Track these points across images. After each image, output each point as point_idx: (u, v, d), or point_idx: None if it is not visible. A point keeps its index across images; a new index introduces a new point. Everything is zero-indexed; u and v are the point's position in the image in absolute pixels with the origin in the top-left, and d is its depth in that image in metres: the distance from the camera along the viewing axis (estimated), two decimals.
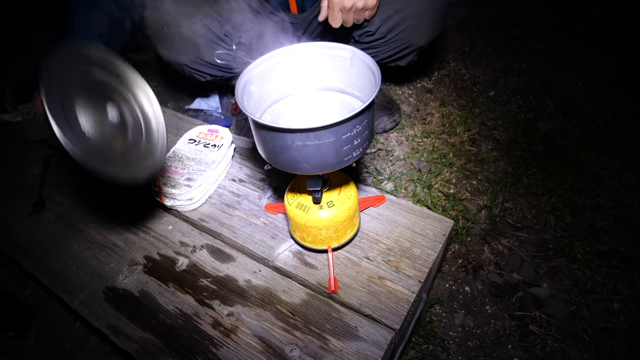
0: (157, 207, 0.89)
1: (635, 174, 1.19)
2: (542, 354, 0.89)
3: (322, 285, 0.71)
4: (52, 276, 0.81)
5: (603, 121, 1.34)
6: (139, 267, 0.79)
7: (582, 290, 0.97)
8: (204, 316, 0.70)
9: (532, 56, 1.62)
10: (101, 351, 0.98)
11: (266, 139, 0.53)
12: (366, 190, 0.85)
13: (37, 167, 1.03)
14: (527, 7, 1.86)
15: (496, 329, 0.94)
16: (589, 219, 1.10)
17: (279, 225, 0.81)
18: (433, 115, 1.42)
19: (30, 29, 1.79)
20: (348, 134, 0.50)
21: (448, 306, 0.99)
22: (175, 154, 0.90)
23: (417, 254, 0.73)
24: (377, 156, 1.30)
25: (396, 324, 0.65)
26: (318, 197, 0.64)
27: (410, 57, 1.10)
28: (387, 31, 0.99)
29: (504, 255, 1.05)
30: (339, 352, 0.63)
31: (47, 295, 1.10)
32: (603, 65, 1.53)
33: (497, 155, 1.27)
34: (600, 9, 1.77)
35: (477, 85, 1.52)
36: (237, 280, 0.74)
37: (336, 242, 0.70)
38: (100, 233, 0.86)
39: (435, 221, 0.78)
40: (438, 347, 0.92)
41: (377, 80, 0.53)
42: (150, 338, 0.68)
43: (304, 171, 0.54)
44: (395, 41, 1.02)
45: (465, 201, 1.17)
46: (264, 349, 0.64)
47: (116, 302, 0.74)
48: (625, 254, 1.03)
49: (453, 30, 1.78)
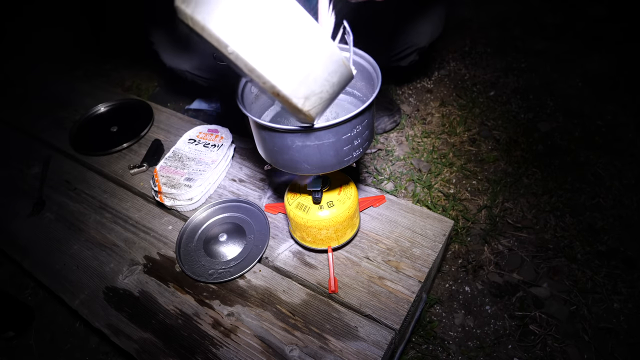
0: (157, 207, 0.89)
1: (635, 174, 1.19)
2: (542, 354, 0.89)
3: (322, 285, 0.71)
4: (52, 276, 0.81)
5: (603, 121, 1.34)
6: (139, 267, 0.79)
7: (582, 290, 0.97)
8: (204, 316, 0.70)
9: (532, 56, 1.62)
10: (101, 351, 0.98)
11: (266, 139, 0.53)
12: (366, 190, 0.85)
13: (37, 167, 1.03)
14: (527, 7, 1.86)
15: (496, 329, 0.94)
16: (589, 219, 1.10)
17: (279, 225, 0.81)
18: (433, 115, 1.42)
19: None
20: (348, 134, 0.50)
21: (448, 306, 0.99)
22: (175, 154, 0.90)
23: (417, 254, 0.73)
24: (377, 156, 1.30)
25: (396, 324, 0.65)
26: (318, 197, 0.64)
27: (411, 58, 1.10)
28: (388, 32, 0.99)
29: (504, 255, 1.05)
30: (339, 352, 0.63)
31: (47, 295, 1.10)
32: (603, 65, 1.53)
33: (497, 155, 1.27)
34: (600, 9, 1.77)
35: (477, 85, 1.52)
36: (237, 280, 0.74)
37: (336, 242, 0.70)
38: (100, 233, 0.86)
39: (435, 221, 0.78)
40: (438, 347, 0.92)
41: (378, 80, 0.53)
42: (150, 338, 0.68)
43: (304, 171, 0.54)
44: (397, 42, 1.02)
45: (465, 201, 1.17)
46: (264, 349, 0.64)
47: (116, 302, 0.74)
48: (625, 254, 1.03)
49: (453, 30, 1.78)
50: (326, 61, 0.38)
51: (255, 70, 0.36)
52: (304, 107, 0.40)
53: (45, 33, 1.94)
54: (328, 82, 0.40)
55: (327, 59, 0.38)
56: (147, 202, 0.90)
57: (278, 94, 0.38)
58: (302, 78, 0.38)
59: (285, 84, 0.37)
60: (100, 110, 1.14)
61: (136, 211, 0.89)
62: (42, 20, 2.03)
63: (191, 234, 0.80)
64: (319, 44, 0.38)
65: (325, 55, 0.38)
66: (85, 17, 1.79)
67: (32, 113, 1.20)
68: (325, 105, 0.42)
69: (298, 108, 0.40)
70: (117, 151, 1.02)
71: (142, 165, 0.95)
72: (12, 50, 1.64)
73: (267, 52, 0.36)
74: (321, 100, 0.40)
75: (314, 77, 0.39)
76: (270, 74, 0.37)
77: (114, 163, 1.00)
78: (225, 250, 0.76)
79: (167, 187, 0.83)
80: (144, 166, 0.95)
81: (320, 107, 0.41)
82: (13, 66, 1.41)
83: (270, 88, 0.38)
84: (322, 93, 0.40)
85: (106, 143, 1.04)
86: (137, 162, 0.98)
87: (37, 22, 2.02)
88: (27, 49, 1.74)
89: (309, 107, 0.40)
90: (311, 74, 0.38)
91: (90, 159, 1.02)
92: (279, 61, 0.36)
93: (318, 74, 0.39)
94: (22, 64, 1.42)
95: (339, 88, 0.41)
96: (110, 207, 0.91)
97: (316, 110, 0.41)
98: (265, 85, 0.37)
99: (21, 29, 1.96)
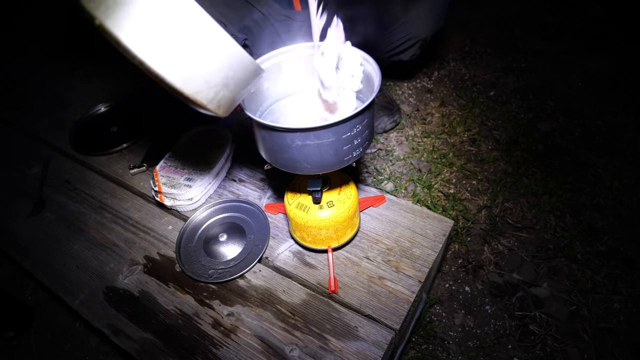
0: (157, 207, 0.89)
1: (635, 174, 1.19)
2: (542, 354, 0.89)
3: (322, 285, 0.71)
4: (52, 276, 0.81)
5: (603, 121, 1.34)
6: (139, 267, 0.79)
7: (582, 290, 0.97)
8: (204, 316, 0.70)
9: (532, 56, 1.62)
10: (101, 351, 0.98)
11: (266, 139, 0.53)
12: (366, 190, 0.85)
13: (37, 167, 1.03)
14: (527, 7, 1.86)
15: (496, 329, 0.94)
16: (589, 219, 1.10)
17: (279, 225, 0.81)
18: (433, 115, 1.42)
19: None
20: (348, 134, 0.50)
21: (448, 306, 0.99)
22: (175, 154, 0.90)
23: (417, 254, 0.73)
24: (377, 156, 1.30)
25: (396, 324, 0.65)
26: (318, 197, 0.64)
27: (413, 51, 1.10)
28: (389, 23, 0.99)
29: (504, 255, 1.05)
30: (339, 352, 0.63)
31: (47, 295, 1.10)
32: (603, 65, 1.53)
33: (497, 155, 1.27)
34: (600, 9, 1.77)
35: (477, 85, 1.52)
36: (237, 280, 0.74)
37: (336, 242, 0.70)
38: (100, 233, 0.86)
39: (435, 221, 0.78)
40: (438, 347, 0.92)
41: (377, 80, 0.53)
42: (150, 338, 0.68)
43: (304, 171, 0.54)
44: (399, 32, 1.02)
45: (465, 201, 1.17)
46: (264, 349, 0.64)
47: (116, 302, 0.74)
48: (625, 254, 1.03)
49: (453, 30, 1.78)
50: (205, 39, 0.40)
51: (129, 52, 0.38)
52: (184, 89, 0.41)
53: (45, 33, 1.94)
54: (212, 63, 0.41)
55: (205, 37, 0.40)
56: (147, 202, 0.90)
57: (154, 74, 0.40)
58: (177, 55, 0.40)
59: (158, 62, 0.39)
60: (100, 110, 1.14)
61: (136, 211, 0.89)
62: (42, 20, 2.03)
63: (191, 234, 0.80)
64: (218, 44, 0.40)
65: (201, 31, 0.40)
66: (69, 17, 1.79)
67: (32, 113, 1.20)
68: (220, 93, 0.43)
69: (178, 90, 0.41)
70: (117, 151, 1.02)
71: (142, 165, 0.95)
72: (13, 51, 1.64)
73: (171, 59, 0.39)
74: (208, 84, 0.42)
75: (190, 56, 0.40)
76: (140, 51, 0.38)
77: (114, 163, 1.00)
78: (225, 250, 0.76)
79: (167, 187, 0.83)
80: (144, 166, 0.95)
81: (212, 93, 0.43)
82: (14, 66, 1.41)
83: (139, 64, 0.39)
84: (207, 75, 0.42)
85: (106, 143, 1.04)
86: (137, 162, 0.98)
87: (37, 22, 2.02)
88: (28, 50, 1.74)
89: (215, 105, 0.44)
90: (188, 53, 0.40)
91: (90, 159, 1.02)
92: (150, 37, 0.38)
93: (196, 54, 0.40)
94: (23, 64, 1.43)
95: (233, 73, 0.43)
96: (110, 207, 0.91)
97: (224, 109, 0.45)
98: (135, 61, 0.39)
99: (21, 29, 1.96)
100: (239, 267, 0.74)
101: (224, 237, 0.78)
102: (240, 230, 0.79)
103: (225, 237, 0.78)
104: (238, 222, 0.81)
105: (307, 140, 0.49)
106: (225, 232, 0.78)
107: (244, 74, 0.44)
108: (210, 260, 0.75)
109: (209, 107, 0.43)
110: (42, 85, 1.30)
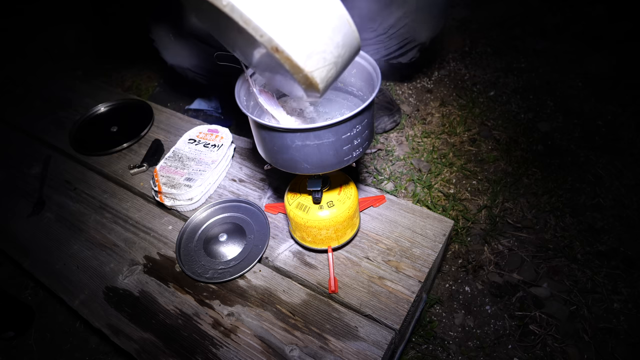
0: (157, 207, 0.89)
1: (635, 174, 1.19)
2: (542, 354, 0.89)
3: (322, 285, 0.71)
4: (52, 276, 0.81)
5: (603, 121, 1.34)
6: (139, 267, 0.79)
7: (582, 290, 0.97)
8: (204, 316, 0.70)
9: (532, 56, 1.62)
10: (101, 351, 0.98)
11: (266, 139, 0.53)
12: (366, 190, 0.85)
13: (37, 167, 1.03)
14: (527, 7, 1.86)
15: (496, 329, 0.94)
16: (589, 219, 1.10)
17: (279, 225, 0.81)
18: (433, 115, 1.42)
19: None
20: (348, 134, 0.50)
21: (448, 306, 0.99)
22: (175, 154, 0.90)
23: (417, 254, 0.73)
24: (377, 156, 1.30)
25: (396, 324, 0.65)
26: (318, 197, 0.64)
27: (412, 54, 1.10)
28: (388, 27, 0.99)
29: (504, 255, 1.05)
30: (339, 352, 0.63)
31: (47, 295, 1.10)
32: (603, 65, 1.53)
33: (497, 155, 1.27)
34: (600, 9, 1.77)
35: (477, 85, 1.52)
36: (237, 280, 0.74)
37: (336, 242, 0.70)
38: (100, 233, 0.86)
39: (435, 221, 0.78)
40: (438, 347, 0.92)
41: (377, 80, 0.53)
42: (150, 338, 0.68)
43: (304, 171, 0.54)
44: (397, 37, 1.02)
45: (465, 201, 1.17)
46: (264, 349, 0.64)
47: (116, 302, 0.74)
48: (625, 254, 1.03)
49: (453, 30, 1.78)
50: (328, 15, 0.36)
51: (251, 22, 0.34)
52: (305, 66, 0.37)
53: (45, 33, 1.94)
54: (332, 40, 0.37)
55: (329, 13, 0.36)
56: (147, 202, 0.90)
57: (277, 49, 0.35)
58: (302, 31, 0.35)
59: (283, 37, 0.35)
60: (100, 110, 1.14)
61: (136, 211, 0.89)
62: (41, 21, 2.03)
63: (191, 234, 0.80)
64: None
65: (326, 8, 0.35)
66: (94, 12, 1.79)
67: (32, 113, 1.20)
68: (330, 71, 0.39)
69: (299, 67, 0.36)
70: (117, 151, 1.02)
71: (142, 165, 0.95)
72: (13, 51, 1.64)
73: (264, 2, 0.34)
74: (325, 62, 0.38)
75: (315, 32, 0.36)
76: (267, 26, 0.34)
77: (114, 163, 1.00)
78: (225, 250, 0.76)
79: (167, 187, 0.83)
80: (144, 166, 0.95)
81: (325, 71, 0.38)
82: (14, 66, 1.41)
83: (268, 42, 0.35)
84: (326, 53, 0.37)
85: (106, 143, 1.04)
86: (137, 162, 0.98)
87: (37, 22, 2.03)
88: (28, 50, 1.74)
89: (312, 67, 0.37)
90: (312, 28, 0.35)
91: (90, 159, 1.02)
92: (276, 11, 0.34)
93: (320, 29, 0.36)
94: (23, 64, 1.43)
95: (344, 51, 0.39)
96: (110, 207, 0.91)
97: (320, 74, 0.38)
98: (262, 39, 0.35)
99: (21, 29, 1.96)
100: (239, 267, 0.74)
101: (224, 237, 0.78)
102: (240, 230, 0.79)
103: (225, 237, 0.78)
104: (238, 222, 0.81)
105: (307, 140, 0.49)
106: (225, 232, 0.78)
107: (350, 54, 0.40)
108: (210, 260, 0.75)
109: (320, 86, 0.39)
110: (42, 85, 1.30)
